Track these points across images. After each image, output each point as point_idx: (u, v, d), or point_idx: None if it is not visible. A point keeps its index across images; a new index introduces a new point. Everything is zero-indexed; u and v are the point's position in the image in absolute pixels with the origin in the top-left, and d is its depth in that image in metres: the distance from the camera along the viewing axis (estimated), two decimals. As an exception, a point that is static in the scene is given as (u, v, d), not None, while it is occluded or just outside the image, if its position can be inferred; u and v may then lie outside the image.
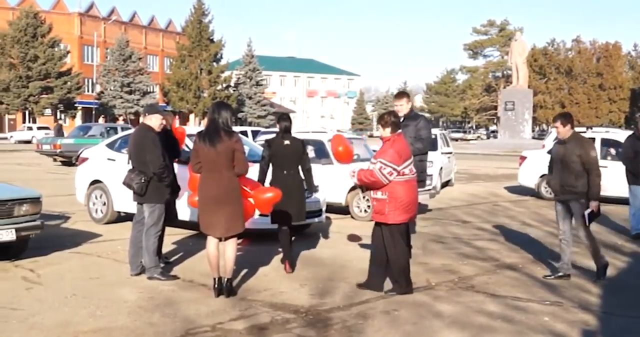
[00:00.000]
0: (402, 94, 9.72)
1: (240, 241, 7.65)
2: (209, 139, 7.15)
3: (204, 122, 45.58)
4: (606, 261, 8.57)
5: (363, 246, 10.44)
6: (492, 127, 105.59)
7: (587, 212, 8.32)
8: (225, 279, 7.37)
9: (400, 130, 7.64)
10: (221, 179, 7.15)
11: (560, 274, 8.51)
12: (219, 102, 7.80)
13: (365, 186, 7.63)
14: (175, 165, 8.99)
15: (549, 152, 17.91)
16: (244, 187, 7.45)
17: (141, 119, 8.66)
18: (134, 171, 8.10)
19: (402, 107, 9.49)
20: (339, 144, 8.67)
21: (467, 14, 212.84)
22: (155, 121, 8.26)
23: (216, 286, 7.35)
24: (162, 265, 8.74)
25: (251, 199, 7.58)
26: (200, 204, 7.29)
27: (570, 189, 8.35)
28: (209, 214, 7.22)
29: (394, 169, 7.37)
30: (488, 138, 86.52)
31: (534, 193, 18.52)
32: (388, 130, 7.59)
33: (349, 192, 13.71)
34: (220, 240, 7.41)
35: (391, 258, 7.63)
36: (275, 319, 6.59)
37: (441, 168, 18.90)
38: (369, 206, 13.30)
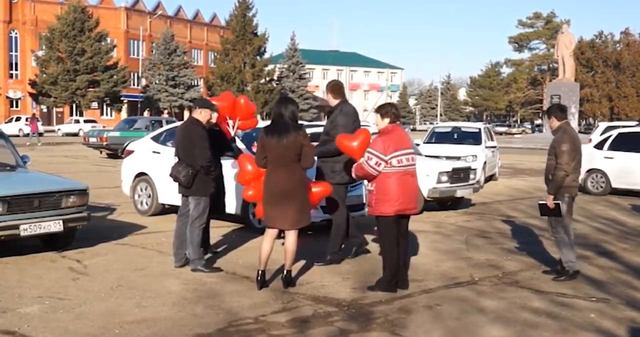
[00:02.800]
0: (328, 87, 9.10)
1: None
2: (277, 133, 7.21)
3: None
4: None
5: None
6: (537, 121, 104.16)
7: (540, 202, 8.26)
8: (286, 271, 7.46)
9: (398, 122, 7.56)
10: (290, 172, 7.21)
11: (570, 272, 8.15)
12: (285, 97, 7.90)
13: (359, 179, 7.67)
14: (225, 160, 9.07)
15: (596, 146, 17.81)
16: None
17: (187, 113, 8.75)
18: (181, 164, 8.17)
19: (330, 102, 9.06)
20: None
21: (512, 6, 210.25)
22: (204, 115, 8.33)
23: (259, 278, 7.39)
24: (209, 256, 8.84)
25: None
26: (267, 197, 7.33)
27: (548, 182, 8.25)
28: (277, 207, 7.25)
29: (381, 159, 7.24)
30: (533, 132, 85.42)
31: (580, 188, 18.23)
32: (387, 120, 7.49)
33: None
34: (279, 236, 7.49)
35: (381, 251, 7.57)
36: (318, 312, 6.60)
37: (485, 162, 18.74)
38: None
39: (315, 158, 8.11)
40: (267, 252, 7.38)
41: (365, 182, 8.01)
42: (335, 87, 9.01)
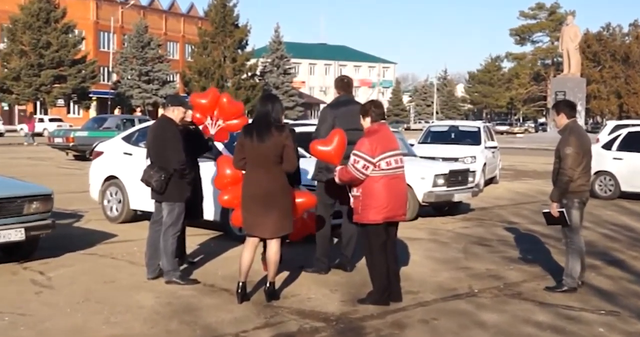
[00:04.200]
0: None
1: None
2: (257, 134, 7.19)
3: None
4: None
5: (398, 249, 10.38)
6: (541, 120, 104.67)
7: (544, 210, 8.28)
8: (268, 283, 7.43)
9: (384, 121, 7.55)
10: (271, 175, 7.19)
11: (565, 288, 8.11)
12: (269, 93, 7.89)
13: (346, 185, 7.56)
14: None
15: (604, 147, 17.86)
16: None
17: (162, 111, 8.71)
18: (153, 167, 8.12)
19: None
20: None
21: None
22: (177, 113, 8.28)
23: (239, 291, 7.35)
24: (184, 266, 8.81)
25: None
26: (245, 202, 7.31)
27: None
28: (256, 213, 7.23)
29: (369, 162, 7.20)
30: (536, 131, 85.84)
31: (587, 192, 18.29)
32: (368, 119, 7.47)
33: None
34: (261, 242, 7.48)
35: (367, 263, 7.54)
36: (303, 328, 6.57)
37: (485, 164, 18.79)
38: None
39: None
40: (248, 263, 7.34)
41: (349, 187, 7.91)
42: (337, 82, 9.29)
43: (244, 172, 7.43)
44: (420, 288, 8.18)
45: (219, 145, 10.39)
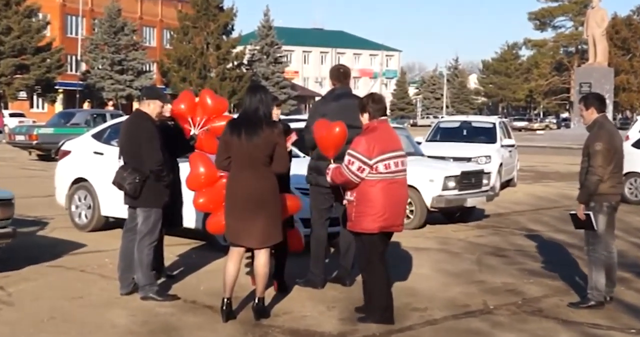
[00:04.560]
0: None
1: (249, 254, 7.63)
2: (245, 130, 7.17)
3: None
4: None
5: (403, 260, 10.38)
6: (564, 115, 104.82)
7: (570, 212, 8.32)
8: (257, 299, 7.41)
9: (385, 117, 7.53)
10: (259, 177, 7.18)
11: (591, 303, 8.11)
12: (258, 84, 7.88)
13: (339, 187, 7.56)
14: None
15: (635, 145, 17.87)
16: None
17: (136, 105, 8.67)
18: (127, 168, 8.11)
19: None
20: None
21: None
22: (154, 108, 8.26)
23: (224, 308, 7.33)
24: (162, 280, 8.79)
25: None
26: (230, 207, 7.30)
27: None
28: (242, 219, 7.21)
29: (365, 163, 7.17)
30: (559, 128, 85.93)
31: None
32: (366, 116, 7.46)
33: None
34: (247, 252, 7.48)
35: (363, 277, 7.53)
36: (297, 350, 6.56)
37: (501, 164, 18.80)
38: (411, 211, 13.24)
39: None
40: (233, 276, 7.32)
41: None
42: (332, 71, 9.30)
43: (222, 173, 7.41)
44: (429, 304, 8.17)
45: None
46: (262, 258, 7.31)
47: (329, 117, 8.43)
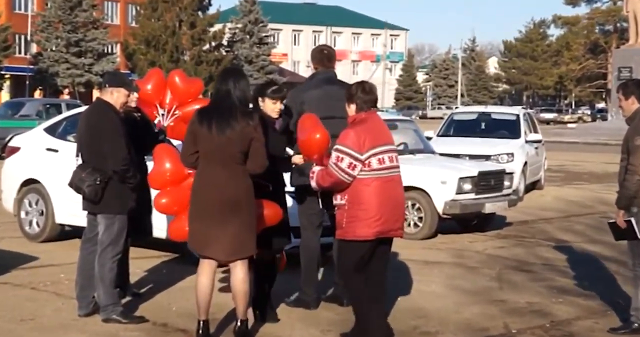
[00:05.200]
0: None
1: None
2: (216, 120, 7.16)
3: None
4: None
5: (410, 275, 10.40)
6: (600, 105, 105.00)
7: (609, 221, 8.33)
8: (239, 321, 7.38)
9: (374, 109, 7.53)
10: (232, 177, 7.17)
11: (634, 326, 8.08)
12: (232, 67, 7.84)
13: (325, 191, 7.54)
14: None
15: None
16: None
17: (96, 93, 8.67)
18: (86, 168, 8.10)
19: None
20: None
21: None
22: (118, 97, 8.25)
23: (200, 332, 7.32)
24: (128, 299, 8.81)
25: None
26: (195, 211, 7.28)
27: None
28: (210, 226, 7.20)
29: (356, 159, 7.17)
30: (594, 120, 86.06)
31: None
32: (353, 107, 7.47)
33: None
34: (220, 266, 7.44)
35: (348, 292, 7.53)
36: (286, 381, 6.58)
37: (525, 163, 18.80)
38: (420, 218, 13.26)
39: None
40: (207, 293, 7.30)
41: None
42: (314, 53, 9.27)
43: (192, 171, 7.41)
44: (441, 327, 8.20)
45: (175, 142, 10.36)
46: (239, 273, 7.29)
47: (309, 108, 8.45)
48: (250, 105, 7.74)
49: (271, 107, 8.16)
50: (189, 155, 7.32)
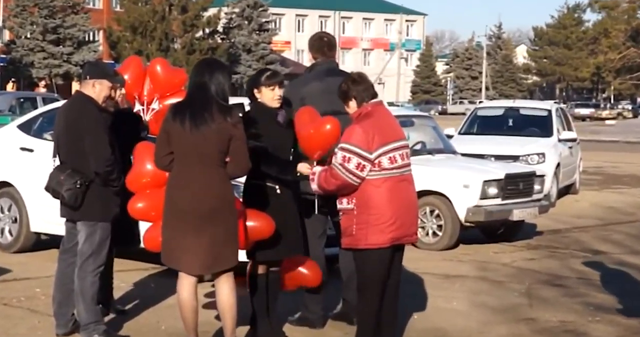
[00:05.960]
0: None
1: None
2: (191, 117, 7.13)
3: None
4: None
5: (429, 290, 10.40)
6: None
7: None
8: None
9: (377, 100, 7.46)
10: (209, 180, 7.15)
11: None
12: (209, 59, 7.82)
13: (328, 195, 7.49)
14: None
15: None
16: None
17: (76, 86, 8.67)
18: (65, 170, 8.10)
19: None
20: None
21: None
22: (101, 90, 8.25)
23: (192, 354, 7.36)
24: (111, 317, 8.83)
25: None
26: (168, 219, 7.26)
27: None
28: (181, 236, 7.18)
29: (365, 159, 7.11)
30: (635, 116, 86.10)
31: None
32: (352, 103, 7.41)
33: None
34: (201, 280, 7.41)
35: (359, 308, 7.51)
36: None
37: (558, 165, 18.79)
38: (440, 227, 13.25)
39: None
40: (190, 310, 7.29)
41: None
42: (313, 41, 9.22)
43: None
44: (463, 350, 8.20)
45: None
46: (223, 287, 7.28)
47: (310, 102, 8.39)
48: (247, 103, 7.74)
49: (270, 96, 8.04)
50: (162, 156, 7.27)
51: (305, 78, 9.12)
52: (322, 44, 9.11)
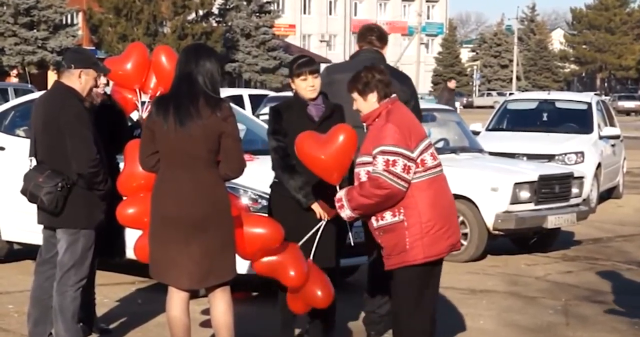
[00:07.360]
0: None
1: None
2: (175, 112, 7.12)
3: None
4: None
5: (454, 307, 10.44)
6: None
7: None
8: None
9: (394, 95, 7.42)
10: (197, 185, 7.15)
11: None
12: (196, 44, 7.80)
13: (365, 214, 7.33)
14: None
15: None
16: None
17: (54, 76, 8.70)
18: (43, 171, 8.12)
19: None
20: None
21: None
22: (86, 81, 8.27)
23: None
24: (94, 336, 8.84)
25: None
26: (155, 226, 7.28)
27: None
28: (169, 246, 7.19)
29: (409, 159, 7.03)
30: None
31: None
32: (372, 97, 7.33)
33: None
34: (195, 296, 7.44)
35: (396, 325, 7.48)
36: None
37: (599, 165, 18.78)
38: (465, 235, 13.24)
39: None
40: (182, 329, 7.31)
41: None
42: (361, 30, 9.45)
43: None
44: (491, 374, 8.25)
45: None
46: (218, 303, 7.29)
47: (338, 91, 8.39)
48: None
49: (302, 87, 8.09)
50: (147, 156, 7.27)
51: (344, 65, 9.19)
52: (371, 33, 9.22)
